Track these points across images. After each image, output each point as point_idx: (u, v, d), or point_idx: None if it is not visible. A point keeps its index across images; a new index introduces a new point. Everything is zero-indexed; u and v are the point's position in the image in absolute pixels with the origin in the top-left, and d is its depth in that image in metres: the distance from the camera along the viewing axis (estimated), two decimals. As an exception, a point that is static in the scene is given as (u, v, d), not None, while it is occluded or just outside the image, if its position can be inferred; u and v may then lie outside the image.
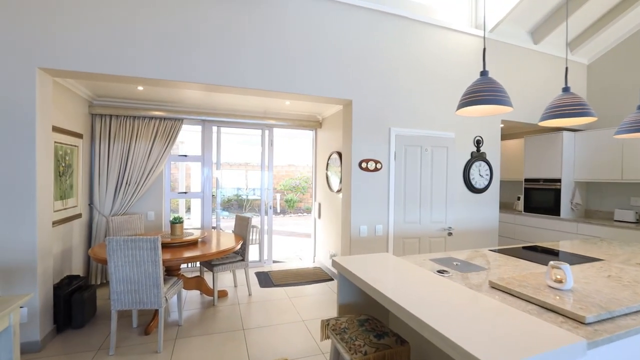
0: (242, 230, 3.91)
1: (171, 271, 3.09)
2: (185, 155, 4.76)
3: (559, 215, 4.77)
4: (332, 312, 3.33)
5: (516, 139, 5.66)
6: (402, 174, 3.60)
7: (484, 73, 1.84)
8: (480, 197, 4.13)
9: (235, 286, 4.01)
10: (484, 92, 1.79)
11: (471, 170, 4.02)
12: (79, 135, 3.63)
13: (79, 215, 3.63)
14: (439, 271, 1.86)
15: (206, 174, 4.61)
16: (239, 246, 3.29)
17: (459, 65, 3.91)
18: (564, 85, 2.61)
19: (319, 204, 5.02)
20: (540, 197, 5.02)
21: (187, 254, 2.82)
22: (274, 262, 5.15)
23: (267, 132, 4.92)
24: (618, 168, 4.28)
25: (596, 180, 4.56)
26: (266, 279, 4.28)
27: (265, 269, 4.83)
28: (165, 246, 3.00)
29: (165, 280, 2.67)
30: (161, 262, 2.44)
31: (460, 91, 3.94)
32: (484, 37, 2.03)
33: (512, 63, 4.30)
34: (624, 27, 4.39)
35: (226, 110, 4.55)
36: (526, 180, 5.24)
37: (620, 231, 4.09)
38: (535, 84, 4.53)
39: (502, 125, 4.90)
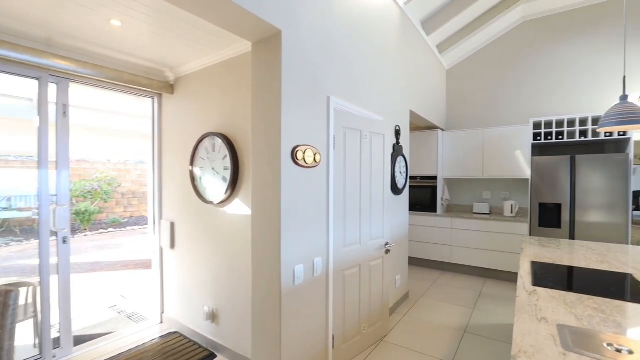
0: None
1: None
2: None
3: (435, 211, 4.83)
4: None
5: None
6: (342, 171, 2.32)
7: None
8: (399, 199, 3.42)
9: None
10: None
11: (395, 167, 3.24)
12: None
13: None
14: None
15: None
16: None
17: (383, 32, 3.01)
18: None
19: (172, 224, 2.95)
20: (418, 195, 4.97)
21: None
22: (77, 340, 2.64)
23: (53, 86, 2.39)
24: (480, 166, 4.67)
25: (461, 177, 4.88)
26: (65, 408, 1.92)
27: (57, 369, 2.33)
28: None
29: None
30: None
31: (384, 62, 3.05)
32: None
33: (416, 49, 3.85)
34: (479, 39, 4.84)
35: None
36: (403, 178, 5.11)
37: (480, 222, 4.41)
38: (428, 79, 4.32)
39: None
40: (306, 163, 1.93)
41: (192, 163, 2.68)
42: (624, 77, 2.09)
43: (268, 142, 1.83)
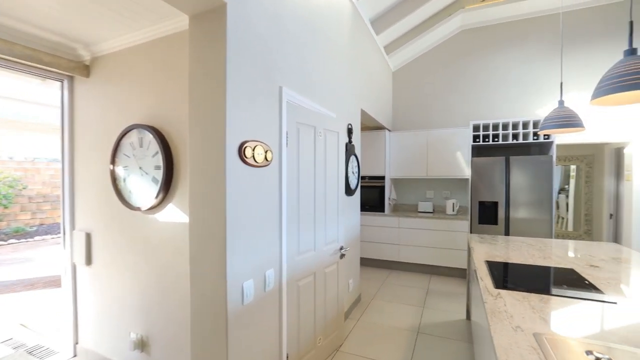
0: None
1: None
2: None
3: (383, 211, 4.87)
4: None
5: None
6: (295, 171, 2.10)
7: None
8: (351, 200, 3.32)
9: None
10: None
11: (348, 167, 3.12)
12: None
13: None
14: None
15: None
16: None
17: (336, 25, 2.87)
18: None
19: (87, 235, 2.43)
20: (367, 195, 4.97)
21: None
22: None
23: None
24: (424, 166, 4.82)
25: (406, 177, 4.99)
26: None
27: None
28: None
29: None
30: None
31: (338, 56, 2.92)
32: None
33: (366, 48, 3.79)
34: (423, 44, 5.00)
35: None
36: (352, 178, 5.06)
37: (425, 221, 4.55)
38: (377, 79, 4.30)
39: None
40: (256, 161, 1.68)
41: (113, 161, 2.22)
42: (561, 84, 2.22)
43: (210, 137, 1.54)
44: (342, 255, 2.64)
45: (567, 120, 2.13)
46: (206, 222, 1.56)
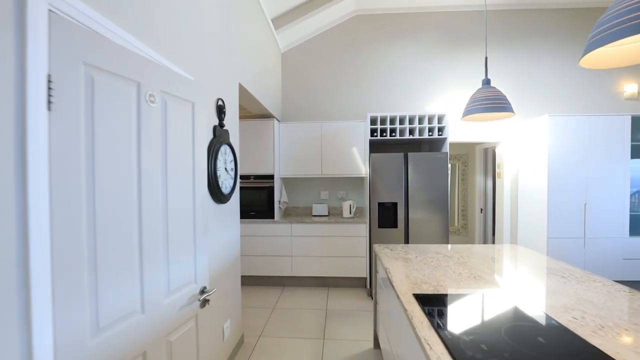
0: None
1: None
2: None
3: (272, 217, 4.02)
4: None
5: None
6: (80, 164, 1.01)
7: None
8: (225, 208, 2.34)
9: None
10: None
11: (218, 161, 2.12)
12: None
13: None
14: None
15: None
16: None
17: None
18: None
19: None
20: (252, 197, 4.03)
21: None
22: None
23: None
24: (318, 163, 4.19)
25: (298, 176, 4.28)
26: None
27: None
28: None
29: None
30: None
31: (200, -6, 1.90)
32: None
33: (250, 8, 2.84)
34: (315, 24, 4.36)
35: None
36: (234, 177, 4.04)
37: (321, 226, 3.95)
38: (263, 54, 3.40)
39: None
40: None
41: None
42: (486, 58, 1.80)
43: None
44: (206, 302, 1.65)
45: (496, 103, 1.71)
46: None
